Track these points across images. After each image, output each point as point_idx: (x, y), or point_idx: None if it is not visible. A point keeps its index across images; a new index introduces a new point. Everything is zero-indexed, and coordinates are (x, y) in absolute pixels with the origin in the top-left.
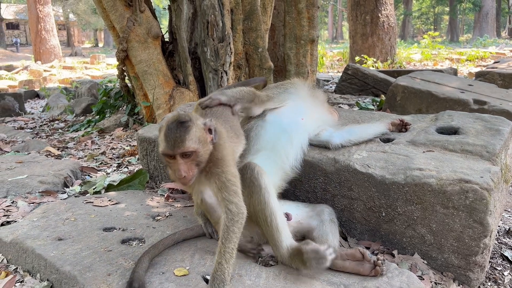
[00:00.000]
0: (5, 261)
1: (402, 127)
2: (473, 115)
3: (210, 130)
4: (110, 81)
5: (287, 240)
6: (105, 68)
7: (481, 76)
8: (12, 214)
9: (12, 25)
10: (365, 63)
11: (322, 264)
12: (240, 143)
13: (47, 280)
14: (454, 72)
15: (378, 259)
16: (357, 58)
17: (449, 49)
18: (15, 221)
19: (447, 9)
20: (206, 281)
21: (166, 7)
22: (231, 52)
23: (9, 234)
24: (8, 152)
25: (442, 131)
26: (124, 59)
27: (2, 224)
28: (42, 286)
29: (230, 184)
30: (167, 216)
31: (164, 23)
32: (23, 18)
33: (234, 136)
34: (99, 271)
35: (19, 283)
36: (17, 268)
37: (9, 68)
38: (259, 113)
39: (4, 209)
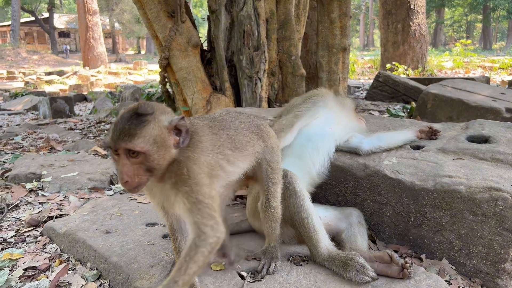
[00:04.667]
0: (58, 250)
1: (432, 134)
2: (505, 124)
3: (179, 131)
4: (151, 87)
5: (325, 240)
6: (146, 74)
7: None
8: (64, 208)
9: (64, 34)
10: (396, 70)
11: (360, 278)
12: (238, 159)
13: (96, 269)
14: (487, 80)
15: (406, 262)
16: (388, 66)
17: (482, 57)
18: (67, 214)
19: (480, 17)
20: (241, 276)
21: (205, 17)
22: (266, 60)
23: (62, 226)
24: (60, 151)
25: (473, 139)
26: (166, 66)
27: (56, 217)
28: (92, 274)
29: (203, 207)
30: None
31: (202, 32)
32: (74, 27)
33: (229, 148)
34: (143, 262)
35: (71, 271)
36: (69, 257)
37: (60, 73)
38: (295, 135)
39: (57, 203)
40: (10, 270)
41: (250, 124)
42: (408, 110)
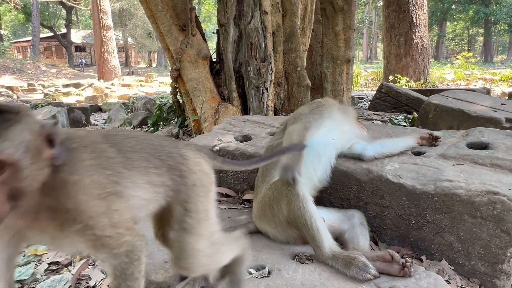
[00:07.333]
0: None
1: (432, 141)
2: (504, 132)
3: (51, 142)
4: (162, 98)
5: (328, 240)
6: (157, 86)
7: None
8: None
9: (80, 48)
10: (398, 82)
11: (363, 276)
12: (136, 182)
13: None
14: (487, 91)
15: (406, 261)
16: (390, 77)
17: (483, 69)
18: None
19: (482, 30)
20: (250, 273)
21: (213, 31)
22: (272, 71)
23: None
24: None
25: (473, 146)
26: (177, 77)
27: None
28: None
29: (106, 241)
30: None
31: (210, 45)
32: (89, 41)
33: (122, 165)
34: (157, 258)
35: (91, 266)
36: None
37: (77, 86)
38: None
39: None
40: (35, 264)
41: (159, 150)
42: (410, 120)
